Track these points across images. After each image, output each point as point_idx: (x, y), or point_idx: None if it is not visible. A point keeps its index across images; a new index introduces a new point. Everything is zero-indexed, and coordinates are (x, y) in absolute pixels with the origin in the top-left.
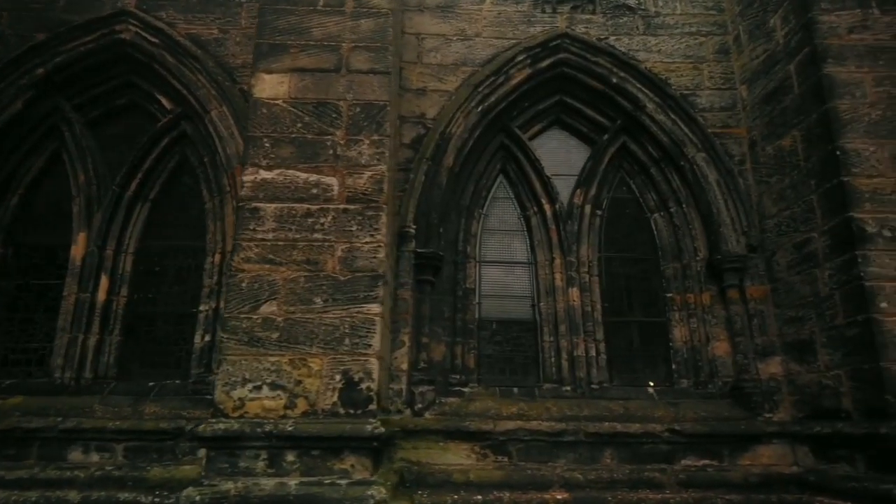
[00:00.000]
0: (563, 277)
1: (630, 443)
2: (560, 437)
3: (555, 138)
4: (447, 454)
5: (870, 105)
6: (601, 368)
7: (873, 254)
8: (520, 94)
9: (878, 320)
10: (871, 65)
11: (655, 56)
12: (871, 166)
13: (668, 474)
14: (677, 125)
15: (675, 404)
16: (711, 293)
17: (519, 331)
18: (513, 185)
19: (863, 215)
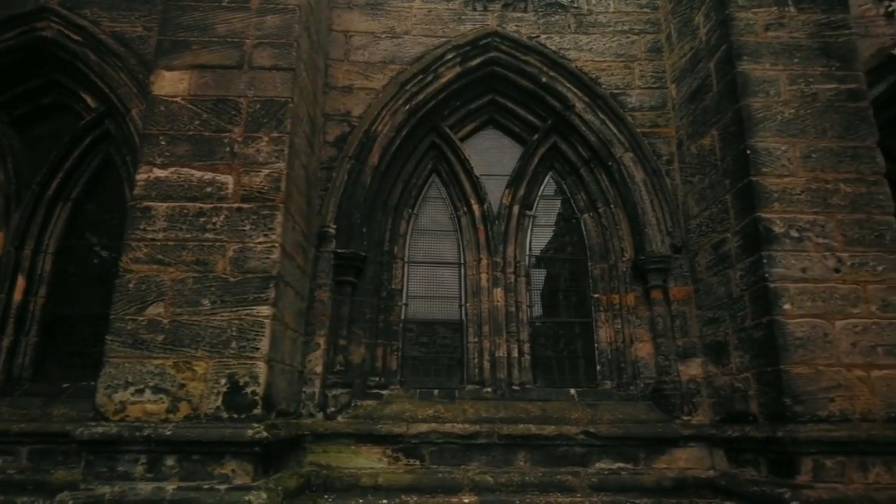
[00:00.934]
0: (489, 278)
1: (545, 445)
2: (473, 440)
3: (489, 138)
4: (358, 458)
5: (784, 103)
6: (524, 370)
7: (779, 254)
8: (450, 93)
9: (781, 322)
10: (787, 62)
11: (587, 55)
12: (783, 165)
13: (581, 477)
14: (606, 125)
15: (594, 406)
16: (636, 294)
17: (446, 332)
18: (445, 185)
19: (771, 215)
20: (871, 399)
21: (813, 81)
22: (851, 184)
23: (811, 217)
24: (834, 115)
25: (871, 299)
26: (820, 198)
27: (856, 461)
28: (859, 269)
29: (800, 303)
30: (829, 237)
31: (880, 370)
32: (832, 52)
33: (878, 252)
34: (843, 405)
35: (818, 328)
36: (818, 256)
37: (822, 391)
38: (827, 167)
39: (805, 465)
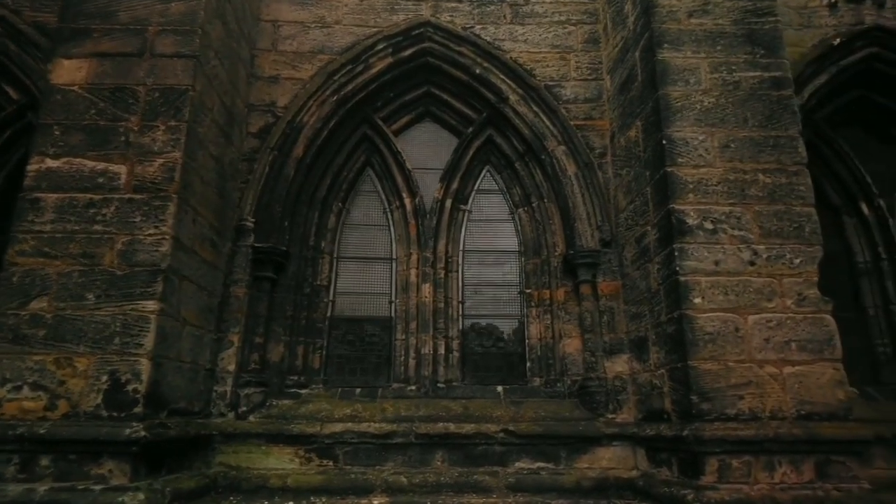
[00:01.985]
0: (419, 273)
1: (463, 444)
2: (389, 440)
3: (427, 130)
4: (269, 458)
5: (704, 91)
6: (452, 367)
7: (692, 247)
8: (381, 84)
9: (690, 316)
10: (710, 50)
11: (522, 46)
12: (700, 156)
13: (499, 477)
14: (539, 117)
15: (519, 404)
16: (567, 289)
17: (375, 329)
18: (379, 179)
19: (684, 207)
20: (783, 396)
21: (736, 69)
22: (771, 174)
23: (727, 208)
24: (756, 103)
25: (786, 293)
26: (737, 189)
27: (763, 461)
28: (776, 262)
29: (711, 297)
30: (746, 229)
31: (793, 366)
32: (757, 39)
33: (796, 244)
34: (753, 403)
35: (729, 323)
36: (733, 249)
37: (732, 388)
38: (746, 157)
39: (710, 465)
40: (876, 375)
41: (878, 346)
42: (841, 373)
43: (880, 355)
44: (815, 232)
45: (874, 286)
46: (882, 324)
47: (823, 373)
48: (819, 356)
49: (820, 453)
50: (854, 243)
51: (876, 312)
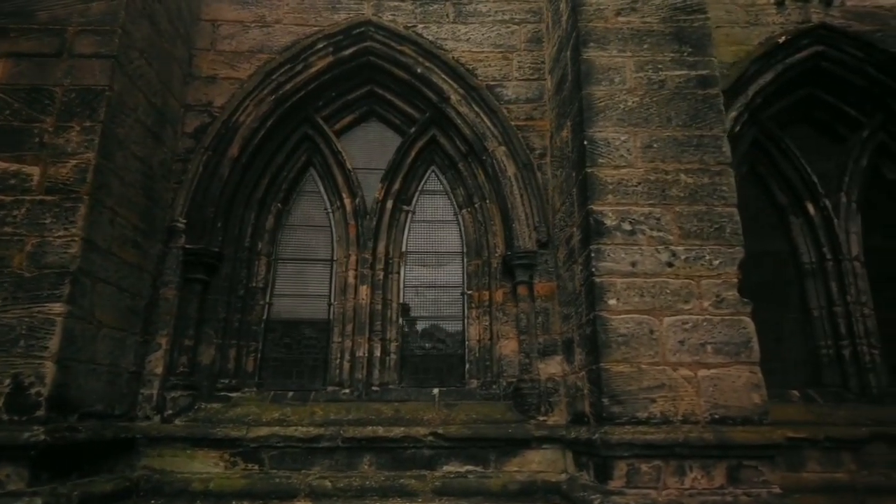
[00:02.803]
0: (356, 275)
1: (392, 448)
2: (316, 443)
3: (372, 130)
4: (194, 462)
5: (628, 91)
6: (389, 370)
7: (609, 248)
8: (322, 83)
9: (604, 318)
10: (636, 49)
11: (464, 45)
12: (621, 156)
13: (426, 481)
14: (480, 118)
15: (452, 406)
16: (505, 290)
17: (312, 332)
18: (321, 179)
19: (603, 208)
20: (696, 400)
21: (662, 68)
22: (693, 174)
23: (647, 209)
24: (681, 102)
25: (704, 295)
26: (658, 189)
27: (673, 465)
28: (694, 264)
29: (626, 298)
30: (665, 230)
31: (708, 369)
32: (685, 37)
33: (716, 245)
34: (666, 406)
35: (644, 325)
36: (650, 250)
37: (644, 391)
38: (668, 157)
39: (619, 470)
40: (819, 377)
41: (821, 348)
42: (758, 376)
43: (823, 357)
44: (735, 233)
45: (819, 287)
46: (826, 325)
47: (739, 376)
48: (735, 359)
49: (732, 458)
50: (800, 244)
51: (820, 314)
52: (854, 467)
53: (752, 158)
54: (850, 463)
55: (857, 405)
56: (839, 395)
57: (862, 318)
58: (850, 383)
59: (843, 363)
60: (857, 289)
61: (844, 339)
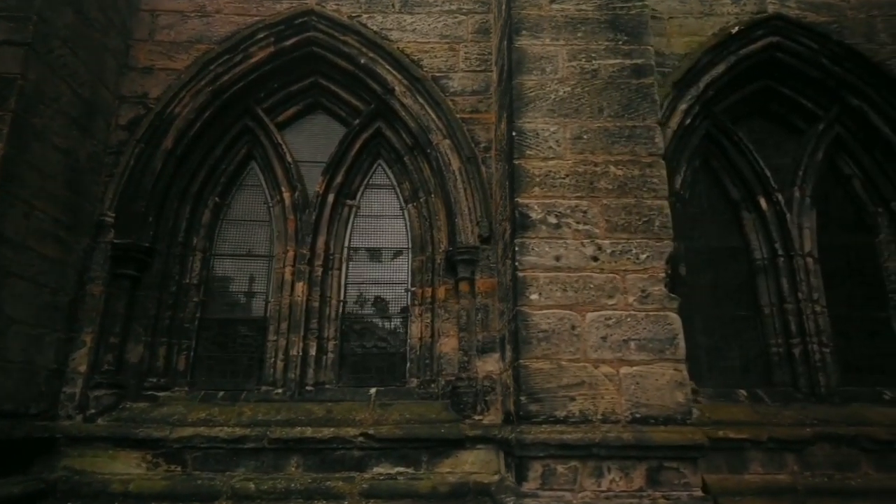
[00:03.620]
0: (293, 271)
1: (320, 449)
2: (241, 444)
3: (318, 122)
4: (115, 463)
5: (560, 81)
6: (326, 369)
7: (533, 242)
8: (263, 74)
9: (525, 313)
10: (570, 37)
11: (410, 35)
12: (549, 147)
13: (355, 483)
14: (425, 110)
15: (387, 406)
16: (448, 287)
17: (248, 330)
18: (262, 172)
19: (529, 200)
20: (617, 398)
21: (596, 57)
22: (623, 166)
23: (574, 202)
24: (614, 92)
25: (629, 290)
26: (586, 182)
27: (591, 466)
28: (620, 258)
29: (549, 293)
30: (592, 223)
31: (630, 366)
32: (621, 25)
33: (643, 239)
34: (585, 405)
35: (566, 320)
36: (576, 244)
37: (563, 389)
38: (598, 149)
39: (534, 471)
40: (769, 376)
41: (772, 347)
42: (682, 374)
43: (773, 356)
44: (665, 226)
45: (770, 284)
46: (776, 323)
47: (663, 374)
48: (660, 356)
49: (652, 459)
50: (752, 239)
51: (771, 311)
52: (797, 469)
53: (706, 152)
54: (793, 464)
55: (804, 405)
56: (788, 394)
57: (813, 316)
58: (800, 383)
59: (793, 362)
60: (809, 286)
61: (795, 338)
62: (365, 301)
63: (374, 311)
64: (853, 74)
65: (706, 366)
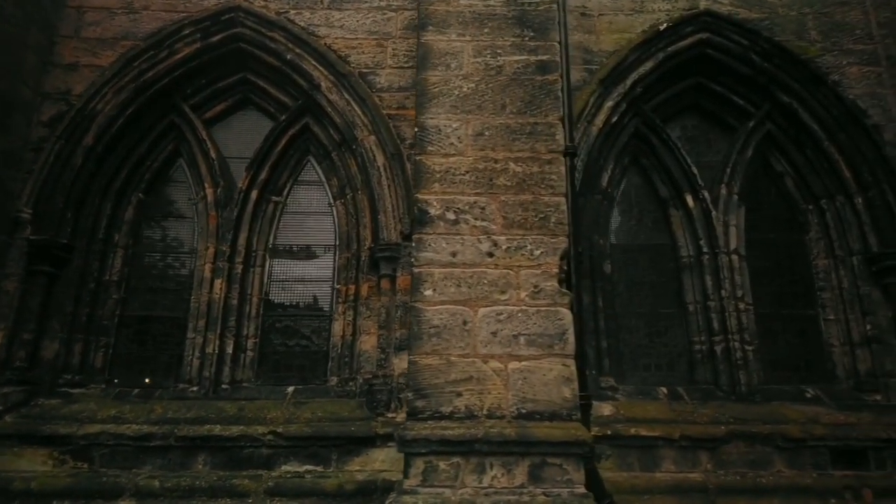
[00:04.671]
0: (212, 268)
1: (228, 447)
2: (147, 442)
3: (248, 118)
4: (21, 460)
5: (464, 77)
6: (244, 367)
7: (431, 237)
8: (189, 70)
9: (419, 309)
10: (476, 33)
11: (338, 32)
12: (451, 144)
13: (261, 481)
14: (351, 106)
15: (302, 404)
16: (370, 284)
17: (169, 327)
18: (188, 168)
19: (428, 196)
20: (504, 394)
21: (501, 53)
22: (523, 163)
23: (473, 198)
24: (518, 89)
25: (522, 285)
26: (486, 178)
27: (473, 463)
28: (515, 254)
29: (443, 289)
30: (489, 220)
31: (519, 361)
32: (528, 21)
33: (539, 235)
34: (472, 400)
35: (458, 316)
36: (472, 240)
37: (451, 385)
38: (499, 145)
39: (416, 467)
40: (692, 374)
41: (695, 344)
42: (570, 369)
43: (697, 353)
44: (560, 222)
45: (696, 281)
46: (700, 320)
47: (551, 369)
48: (549, 351)
49: (535, 455)
50: (679, 237)
51: (696, 308)
52: (710, 467)
53: (635, 150)
54: (707, 463)
55: (723, 403)
56: (709, 392)
57: (736, 313)
58: (721, 380)
59: (715, 360)
60: (734, 283)
61: (717, 335)
62: (289, 299)
63: (298, 308)
64: (783, 71)
65: (630, 363)
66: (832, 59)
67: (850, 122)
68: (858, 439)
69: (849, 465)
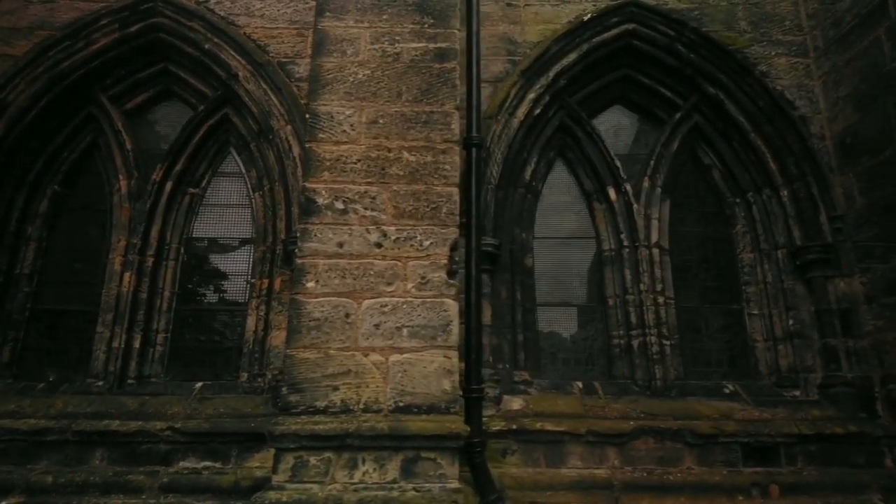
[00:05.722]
0: (123, 261)
1: (126, 442)
2: (43, 437)
3: (171, 109)
4: None
5: (360, 64)
6: (153, 362)
7: (317, 227)
8: (108, 60)
9: (300, 301)
10: (374, 19)
11: (258, 21)
12: (343, 131)
13: (157, 477)
14: (268, 95)
15: (206, 400)
16: (284, 278)
17: (81, 321)
18: (105, 160)
19: (317, 185)
20: (382, 387)
21: (400, 40)
22: (417, 152)
23: (363, 188)
24: (415, 76)
25: (409, 276)
26: (378, 167)
27: (345, 458)
28: (404, 244)
29: (327, 280)
30: (380, 209)
31: (401, 354)
32: (428, 8)
33: (429, 225)
34: (349, 394)
35: (340, 308)
36: (361, 230)
37: (328, 378)
38: (393, 133)
39: (285, 463)
40: (611, 369)
41: (614, 339)
42: (452, 361)
43: (615, 348)
44: (452, 213)
45: (616, 275)
46: (619, 315)
47: (432, 361)
48: (431, 343)
49: (409, 450)
50: (602, 231)
51: (615, 303)
52: (618, 463)
53: (561, 143)
54: (614, 459)
55: (637, 398)
56: (625, 387)
57: (654, 307)
58: (637, 375)
59: (632, 354)
60: (653, 277)
61: (635, 329)
62: (204, 292)
63: (213, 303)
64: (710, 62)
65: (549, 357)
66: (761, 49)
67: (776, 114)
68: (770, 435)
69: (760, 461)
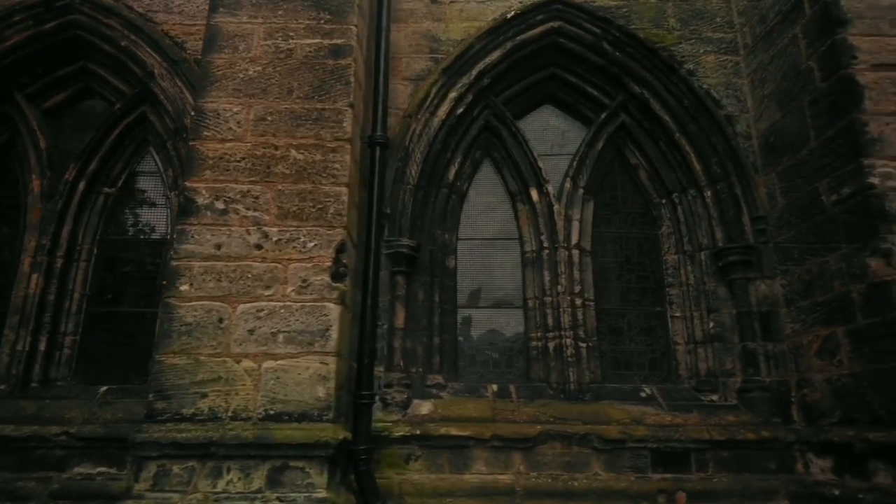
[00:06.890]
0: (31, 262)
1: (19, 448)
2: None
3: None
4: None
5: (251, 60)
6: (59, 365)
7: (195, 228)
8: (22, 58)
9: (171, 305)
10: (269, 15)
11: (176, 17)
12: (230, 129)
13: (49, 484)
14: (183, 93)
15: (108, 405)
16: None
17: None
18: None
19: (198, 185)
20: (253, 394)
21: (294, 36)
22: (305, 150)
23: (246, 187)
24: (307, 73)
25: (290, 279)
26: (263, 165)
27: (210, 466)
28: (286, 246)
29: (201, 283)
30: (262, 210)
31: (275, 360)
32: (325, 4)
33: (315, 226)
34: (217, 402)
35: (214, 313)
36: (241, 231)
37: (197, 385)
38: (281, 131)
39: (147, 472)
40: (528, 372)
41: (532, 341)
42: (328, 367)
43: (532, 350)
44: (339, 214)
45: (536, 276)
46: (538, 317)
47: (308, 367)
48: (308, 349)
49: (277, 458)
50: (525, 232)
51: (534, 304)
52: (523, 469)
53: (487, 143)
54: (520, 464)
55: (549, 401)
56: (540, 390)
57: (571, 309)
58: (551, 378)
59: (548, 357)
60: (571, 278)
61: (552, 331)
62: (116, 294)
63: (125, 305)
64: (635, 61)
65: (468, 360)
66: (689, 47)
67: (701, 113)
68: (681, 441)
69: (669, 467)
